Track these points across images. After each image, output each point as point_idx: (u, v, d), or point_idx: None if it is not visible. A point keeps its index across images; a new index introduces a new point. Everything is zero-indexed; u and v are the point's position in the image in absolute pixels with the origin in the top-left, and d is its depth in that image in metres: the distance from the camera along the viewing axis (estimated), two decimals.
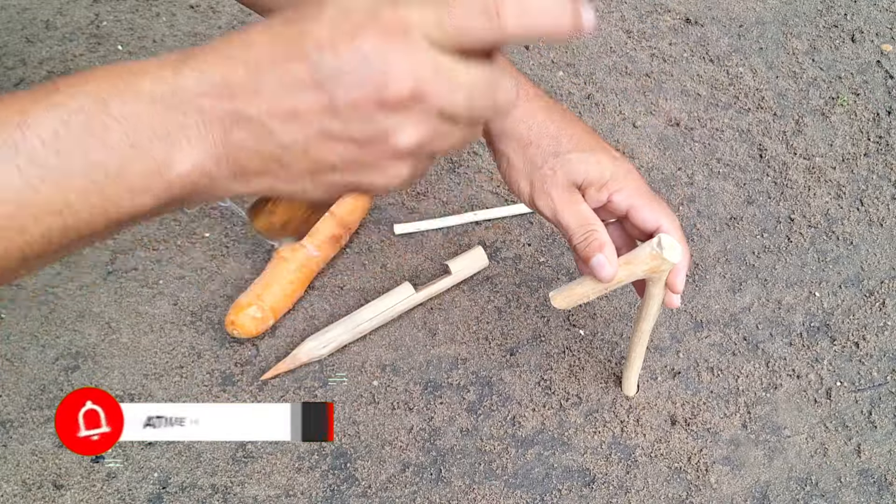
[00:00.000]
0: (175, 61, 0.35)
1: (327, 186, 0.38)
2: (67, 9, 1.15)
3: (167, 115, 0.35)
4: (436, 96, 0.35)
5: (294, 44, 0.35)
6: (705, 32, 1.11)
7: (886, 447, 0.73)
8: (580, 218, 0.59)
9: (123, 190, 0.35)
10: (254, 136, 0.36)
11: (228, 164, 0.36)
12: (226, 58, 0.35)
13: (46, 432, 0.74)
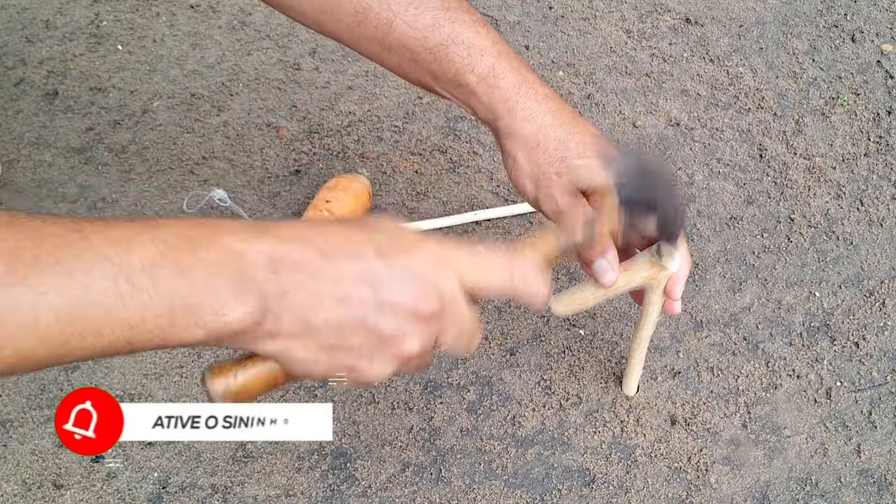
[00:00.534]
0: (257, 227, 0.43)
1: (333, 364, 0.45)
2: (67, 8, 1.15)
3: (240, 267, 0.41)
4: (446, 322, 0.45)
5: (361, 246, 0.44)
6: (705, 32, 1.11)
7: (886, 447, 0.73)
8: (583, 223, 0.59)
9: (190, 321, 0.41)
10: (306, 304, 0.43)
11: (271, 322, 0.43)
12: (301, 238, 0.43)
13: (46, 432, 0.73)
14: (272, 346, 0.45)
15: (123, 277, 0.39)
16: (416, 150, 0.97)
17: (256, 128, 1.00)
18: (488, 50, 0.61)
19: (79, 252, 0.39)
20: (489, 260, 0.47)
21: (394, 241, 0.45)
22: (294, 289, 0.42)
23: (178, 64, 1.08)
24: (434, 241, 0.46)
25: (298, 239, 0.43)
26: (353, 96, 1.03)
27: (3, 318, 0.37)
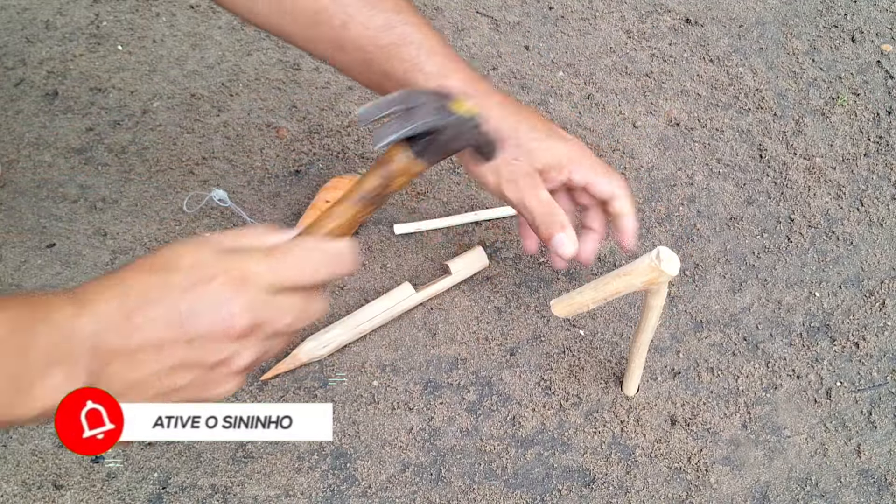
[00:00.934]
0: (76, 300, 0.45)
1: (175, 399, 0.48)
2: (67, 9, 1.15)
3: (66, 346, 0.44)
4: (268, 324, 0.48)
5: (161, 289, 0.46)
6: (705, 32, 1.11)
7: (886, 447, 0.73)
8: (543, 203, 0.66)
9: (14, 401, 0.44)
10: (125, 367, 0.46)
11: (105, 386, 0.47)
12: (108, 301, 0.45)
13: (46, 432, 0.73)
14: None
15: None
16: None
17: (256, 128, 1.00)
18: (437, 50, 0.65)
19: None
20: (283, 262, 0.49)
21: (190, 277, 0.46)
22: (114, 359, 0.46)
23: (178, 64, 1.08)
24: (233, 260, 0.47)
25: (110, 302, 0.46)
26: (354, 96, 1.03)
27: None
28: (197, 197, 0.91)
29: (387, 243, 0.88)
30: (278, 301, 0.48)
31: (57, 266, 0.86)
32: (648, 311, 0.63)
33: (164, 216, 0.90)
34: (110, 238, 0.88)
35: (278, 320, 0.48)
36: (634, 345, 0.69)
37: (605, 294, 0.60)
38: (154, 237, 0.88)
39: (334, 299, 0.83)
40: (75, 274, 0.85)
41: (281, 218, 0.90)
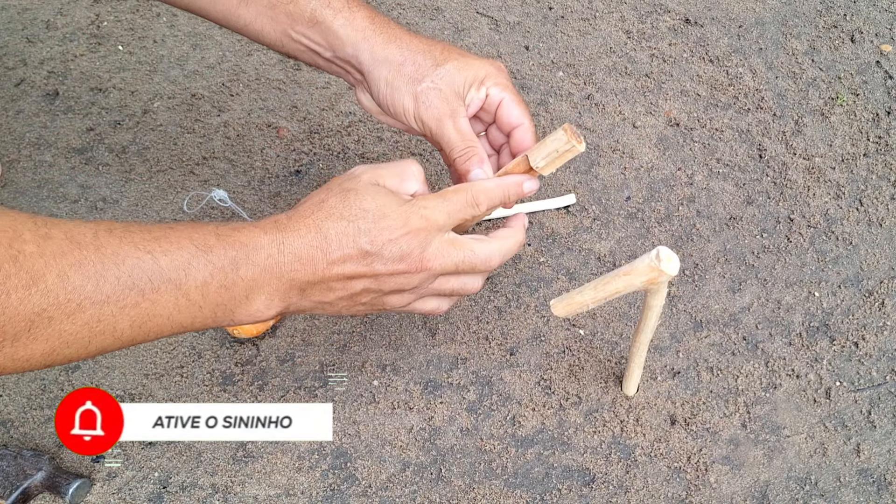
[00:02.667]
0: (278, 239, 0.55)
1: (354, 312, 0.61)
2: (68, 9, 1.15)
3: (271, 280, 0.54)
4: (437, 268, 0.60)
5: (353, 236, 0.56)
6: (705, 32, 1.11)
7: (886, 447, 0.73)
8: (462, 134, 0.65)
9: (227, 319, 0.55)
10: (320, 292, 0.57)
11: (294, 308, 0.58)
12: (309, 244, 0.55)
13: (47, 432, 0.74)
14: (294, 310, 0.59)
15: (182, 294, 0.51)
16: (416, 151, 0.97)
17: (257, 128, 1.00)
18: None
19: (150, 275, 0.49)
20: (456, 205, 0.61)
21: (379, 224, 0.57)
22: (309, 285, 0.56)
23: (178, 64, 1.08)
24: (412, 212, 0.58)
25: (307, 244, 0.55)
26: (354, 96, 1.04)
27: (91, 327, 0.48)
28: (197, 197, 0.91)
29: None
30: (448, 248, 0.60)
31: None
32: (648, 311, 0.63)
33: (164, 216, 0.90)
34: None
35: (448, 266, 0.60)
36: (634, 344, 0.69)
37: (605, 294, 0.60)
38: None
39: None
40: None
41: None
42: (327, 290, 0.57)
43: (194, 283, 0.51)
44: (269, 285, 0.55)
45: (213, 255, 0.52)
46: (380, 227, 0.57)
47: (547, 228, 0.89)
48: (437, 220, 0.59)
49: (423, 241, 0.58)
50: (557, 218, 0.90)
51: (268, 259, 0.54)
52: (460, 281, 0.63)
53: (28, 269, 0.45)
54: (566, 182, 0.93)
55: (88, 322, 0.48)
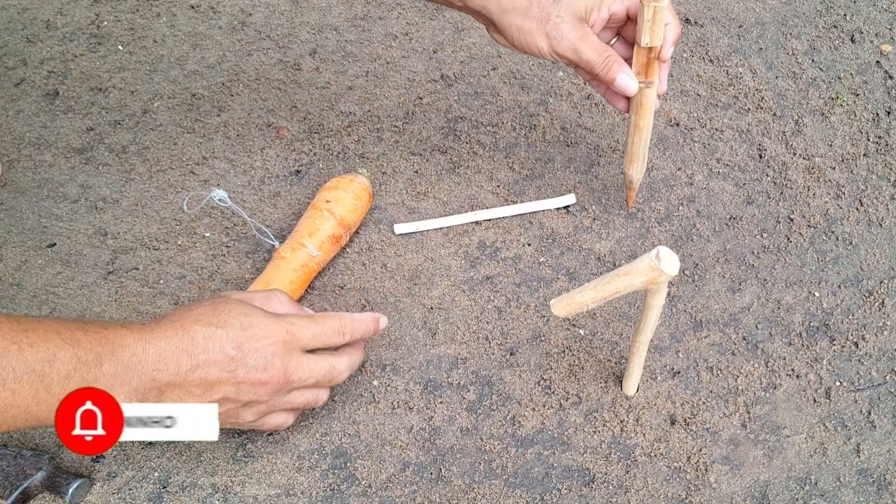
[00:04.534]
0: (144, 338, 0.56)
1: None
2: (68, 9, 1.15)
3: (132, 378, 0.55)
4: (296, 381, 0.63)
5: (218, 341, 0.59)
6: (705, 32, 1.11)
7: (885, 447, 0.73)
8: (597, 49, 0.71)
9: None
10: (178, 396, 0.58)
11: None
12: (175, 346, 0.57)
13: (47, 432, 0.74)
14: None
15: (44, 387, 0.51)
16: (416, 150, 0.97)
17: (257, 128, 1.00)
18: None
19: (14, 364, 0.50)
20: (322, 328, 0.65)
21: (246, 331, 0.60)
22: (168, 389, 0.57)
23: (178, 64, 1.08)
24: (279, 325, 0.62)
25: (172, 343, 0.57)
26: (354, 96, 1.04)
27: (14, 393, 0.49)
28: (197, 197, 0.91)
29: (387, 243, 0.88)
30: (311, 363, 0.64)
31: (58, 266, 0.86)
32: (648, 311, 0.63)
33: (164, 216, 0.90)
34: (111, 238, 0.89)
35: (308, 379, 0.64)
36: (634, 344, 0.69)
37: (605, 294, 0.60)
38: (155, 237, 0.88)
39: (334, 299, 0.83)
40: (76, 274, 0.85)
41: (281, 218, 0.90)
42: (186, 395, 0.58)
43: (58, 376, 0.52)
44: (129, 384, 0.55)
45: (79, 348, 0.53)
46: (247, 335, 0.59)
47: (547, 228, 0.89)
48: (302, 339, 0.63)
49: (287, 353, 0.62)
50: (557, 218, 0.90)
51: (132, 357, 0.55)
52: (314, 394, 0.66)
53: None
54: (566, 182, 0.93)
55: None
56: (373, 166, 0.95)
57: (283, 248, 0.82)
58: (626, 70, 0.72)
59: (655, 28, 0.70)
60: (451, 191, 0.93)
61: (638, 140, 0.79)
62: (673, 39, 0.73)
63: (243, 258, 0.86)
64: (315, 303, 0.83)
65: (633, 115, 0.77)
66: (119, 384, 0.55)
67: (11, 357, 0.50)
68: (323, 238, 0.83)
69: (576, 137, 0.98)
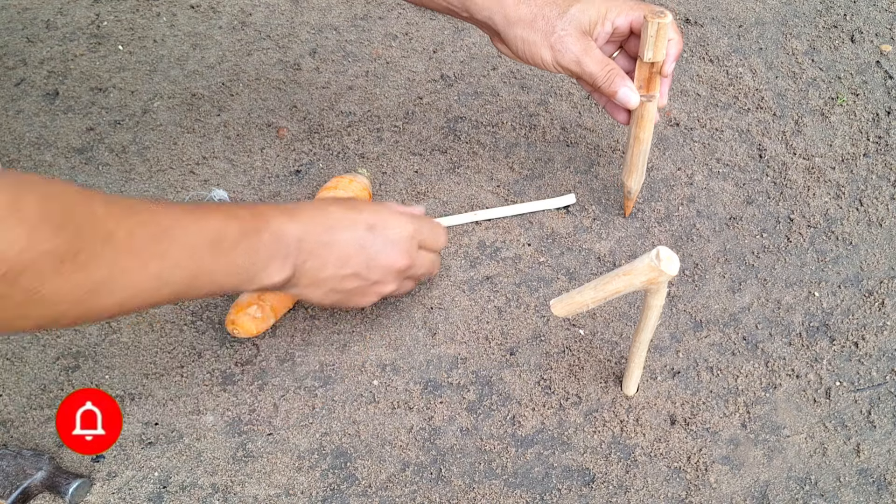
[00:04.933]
0: (289, 214, 0.64)
1: (333, 300, 0.69)
2: (68, 9, 1.15)
3: (282, 245, 0.63)
4: (414, 269, 0.72)
5: (353, 220, 0.68)
6: (705, 32, 1.11)
7: (885, 447, 0.73)
8: (600, 62, 0.73)
9: (252, 281, 0.62)
10: (316, 266, 0.66)
11: (296, 279, 0.65)
12: (316, 223, 0.65)
13: (47, 432, 0.74)
14: (295, 291, 0.67)
15: (221, 253, 0.58)
16: (416, 150, 0.97)
17: (257, 128, 1.00)
18: None
19: (195, 237, 0.57)
20: (437, 230, 0.75)
21: (379, 217, 0.69)
22: (310, 257, 0.65)
23: (178, 64, 1.08)
24: (404, 220, 0.71)
25: (314, 220, 0.65)
26: (354, 96, 1.04)
27: (154, 279, 0.54)
28: (197, 197, 0.91)
29: None
30: (423, 256, 0.73)
31: None
32: (648, 311, 0.63)
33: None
34: None
35: (419, 269, 0.73)
36: (634, 344, 0.69)
37: (605, 294, 0.60)
38: None
39: None
40: None
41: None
42: (322, 266, 0.66)
43: (229, 244, 0.59)
44: (279, 253, 0.63)
45: (241, 222, 0.60)
46: (380, 220, 0.69)
47: (547, 228, 0.89)
48: (422, 235, 0.73)
49: (411, 244, 0.71)
50: (557, 218, 0.90)
51: (281, 230, 0.63)
52: (413, 284, 0.75)
53: (101, 227, 0.50)
54: (566, 182, 0.93)
55: (153, 275, 0.54)
56: (373, 166, 0.95)
57: None
58: (628, 83, 0.73)
59: (659, 44, 0.70)
60: (451, 191, 0.93)
61: (638, 152, 0.80)
62: (675, 55, 0.73)
63: None
64: None
65: (633, 127, 0.78)
66: (273, 253, 0.62)
67: (192, 231, 0.57)
68: None
69: (576, 137, 0.98)
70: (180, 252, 0.56)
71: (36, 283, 0.47)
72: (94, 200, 0.51)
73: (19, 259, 0.45)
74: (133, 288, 0.53)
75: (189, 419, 0.75)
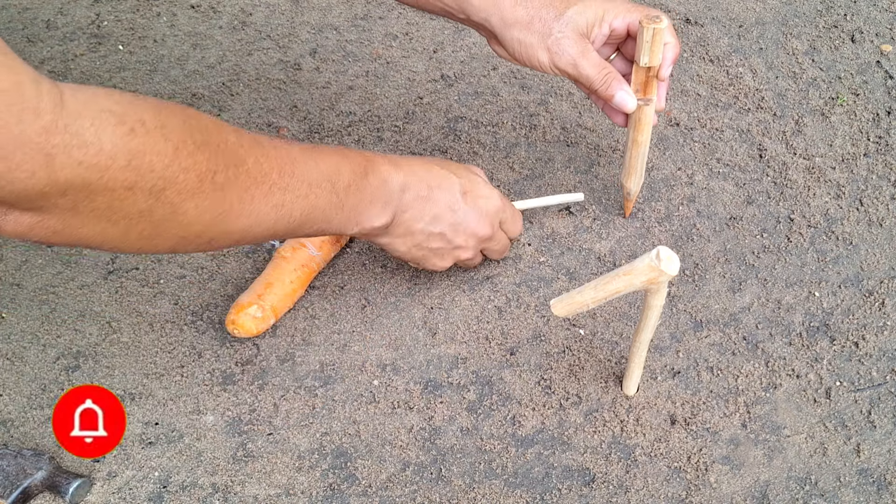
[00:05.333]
0: (394, 164, 0.68)
1: (415, 255, 0.73)
2: (68, 9, 1.15)
3: (387, 191, 0.67)
4: (492, 242, 0.77)
5: (453, 184, 0.72)
6: (705, 32, 1.11)
7: (886, 447, 0.73)
8: (597, 65, 0.73)
9: (356, 222, 0.65)
10: (414, 218, 0.70)
11: (392, 227, 0.69)
12: (417, 176, 0.69)
13: (47, 431, 0.74)
14: (386, 240, 0.70)
15: (334, 191, 0.61)
16: (416, 150, 0.97)
17: (257, 128, 1.00)
18: None
19: (314, 172, 0.60)
20: (517, 217, 0.79)
21: (473, 185, 0.73)
22: (409, 208, 0.69)
23: (178, 64, 1.08)
24: (495, 194, 0.75)
25: (416, 174, 0.69)
26: (354, 96, 1.04)
27: (276, 210, 0.57)
28: None
29: None
30: (501, 234, 0.78)
31: (58, 266, 0.86)
32: (648, 311, 0.63)
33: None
34: None
35: (495, 244, 0.78)
36: (634, 344, 0.69)
37: (605, 294, 0.60)
38: None
39: (334, 299, 0.83)
40: (76, 274, 0.85)
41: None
42: (417, 218, 0.69)
43: (342, 184, 0.62)
44: (382, 198, 0.66)
45: (352, 163, 0.63)
46: (474, 186, 0.72)
47: (547, 228, 0.89)
48: (505, 213, 0.77)
49: (496, 218, 0.75)
50: (557, 218, 0.90)
51: (387, 175, 0.66)
52: (480, 259, 0.80)
53: (234, 153, 0.53)
54: (566, 182, 0.93)
55: (275, 204, 0.57)
56: None
57: (283, 247, 0.82)
58: (624, 87, 0.73)
59: (655, 48, 0.70)
60: None
61: (636, 154, 0.80)
62: (672, 59, 0.73)
63: (243, 258, 0.87)
64: (315, 303, 0.83)
65: (631, 130, 0.78)
66: (377, 197, 0.66)
67: (310, 167, 0.59)
68: (323, 238, 0.83)
69: (576, 137, 0.98)
70: (300, 185, 0.58)
71: (177, 199, 0.49)
72: (225, 129, 0.54)
73: (165, 173, 0.47)
74: (257, 215, 0.56)
75: (189, 419, 0.75)
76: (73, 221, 0.46)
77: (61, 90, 0.43)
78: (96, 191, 0.45)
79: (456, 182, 0.71)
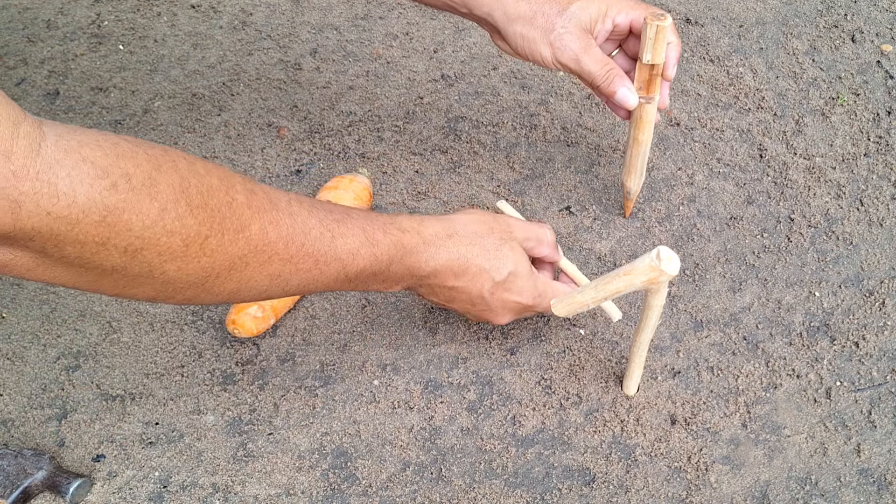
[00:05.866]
0: (429, 253, 0.64)
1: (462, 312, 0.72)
2: (69, 8, 1.15)
3: (408, 277, 0.65)
4: (529, 311, 0.72)
5: (482, 281, 0.67)
6: (705, 32, 1.11)
7: (886, 447, 0.73)
8: (599, 61, 0.72)
9: (381, 283, 0.64)
10: (432, 293, 0.68)
11: (425, 294, 0.69)
12: (450, 267, 0.66)
13: (48, 431, 0.74)
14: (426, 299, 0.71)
15: (344, 272, 0.59)
16: (416, 150, 0.97)
17: (257, 128, 1.00)
18: None
19: (325, 250, 0.57)
20: (545, 308, 0.72)
21: (508, 281, 0.68)
22: (429, 288, 0.68)
23: (179, 64, 1.08)
24: (528, 291, 0.70)
25: (452, 253, 0.65)
26: (354, 96, 1.04)
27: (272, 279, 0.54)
28: None
29: None
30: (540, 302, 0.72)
31: None
32: (649, 311, 0.63)
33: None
34: None
35: (533, 310, 0.73)
36: (635, 344, 0.69)
37: (606, 294, 0.60)
38: None
39: (335, 299, 0.83)
40: None
41: None
42: (432, 294, 0.69)
43: (356, 268, 0.59)
44: (404, 282, 0.65)
45: (377, 249, 0.60)
46: (506, 289, 0.69)
47: None
48: (538, 300, 0.71)
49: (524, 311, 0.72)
50: (558, 218, 0.90)
51: (415, 263, 0.64)
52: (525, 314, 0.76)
53: (238, 217, 0.50)
54: (566, 182, 0.93)
55: (271, 274, 0.54)
56: (373, 166, 0.95)
57: None
58: (627, 84, 0.73)
59: (657, 46, 0.70)
60: (452, 190, 0.93)
61: (637, 153, 0.80)
62: (675, 59, 0.74)
63: None
64: (315, 302, 0.83)
65: (632, 128, 0.78)
66: (394, 281, 0.64)
67: (325, 243, 0.57)
68: None
69: (576, 137, 0.98)
70: (305, 260, 0.55)
71: (157, 260, 0.47)
72: (235, 187, 0.51)
73: (144, 234, 0.45)
74: (248, 281, 0.53)
75: (189, 419, 0.75)
76: (45, 262, 0.45)
77: (44, 134, 0.41)
78: (65, 241, 0.43)
79: (487, 281, 0.67)
